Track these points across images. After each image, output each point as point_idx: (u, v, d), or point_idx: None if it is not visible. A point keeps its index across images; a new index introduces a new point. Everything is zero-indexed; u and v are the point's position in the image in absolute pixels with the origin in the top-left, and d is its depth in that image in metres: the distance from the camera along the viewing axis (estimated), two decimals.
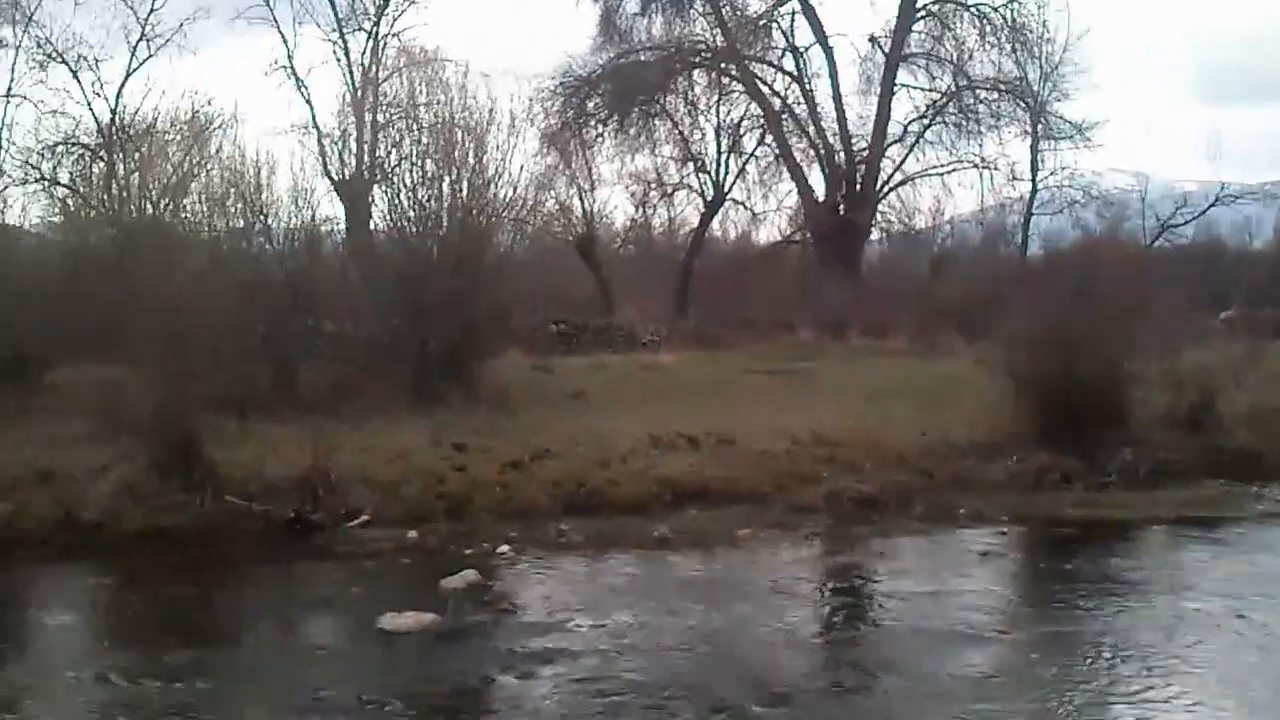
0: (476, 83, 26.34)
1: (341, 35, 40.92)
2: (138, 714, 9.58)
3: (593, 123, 44.60)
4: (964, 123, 44.11)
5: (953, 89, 44.25)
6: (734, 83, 45.22)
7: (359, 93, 38.85)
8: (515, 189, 25.52)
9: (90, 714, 9.75)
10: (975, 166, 44.68)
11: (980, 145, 44.45)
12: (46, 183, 35.06)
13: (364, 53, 40.82)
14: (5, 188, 34.68)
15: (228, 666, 10.91)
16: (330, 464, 16.85)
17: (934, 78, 44.77)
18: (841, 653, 11.49)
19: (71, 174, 35.39)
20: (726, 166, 46.42)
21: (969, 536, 16.13)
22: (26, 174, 35.04)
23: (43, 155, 35.22)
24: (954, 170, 44.82)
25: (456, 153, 24.62)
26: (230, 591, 14.25)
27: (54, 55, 36.14)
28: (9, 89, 35.44)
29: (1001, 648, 11.30)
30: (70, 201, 34.54)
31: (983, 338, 25.14)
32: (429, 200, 24.77)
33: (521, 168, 26.32)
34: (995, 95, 44.28)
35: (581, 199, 45.25)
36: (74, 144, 35.85)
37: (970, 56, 44.17)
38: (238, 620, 13.03)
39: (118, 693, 10.15)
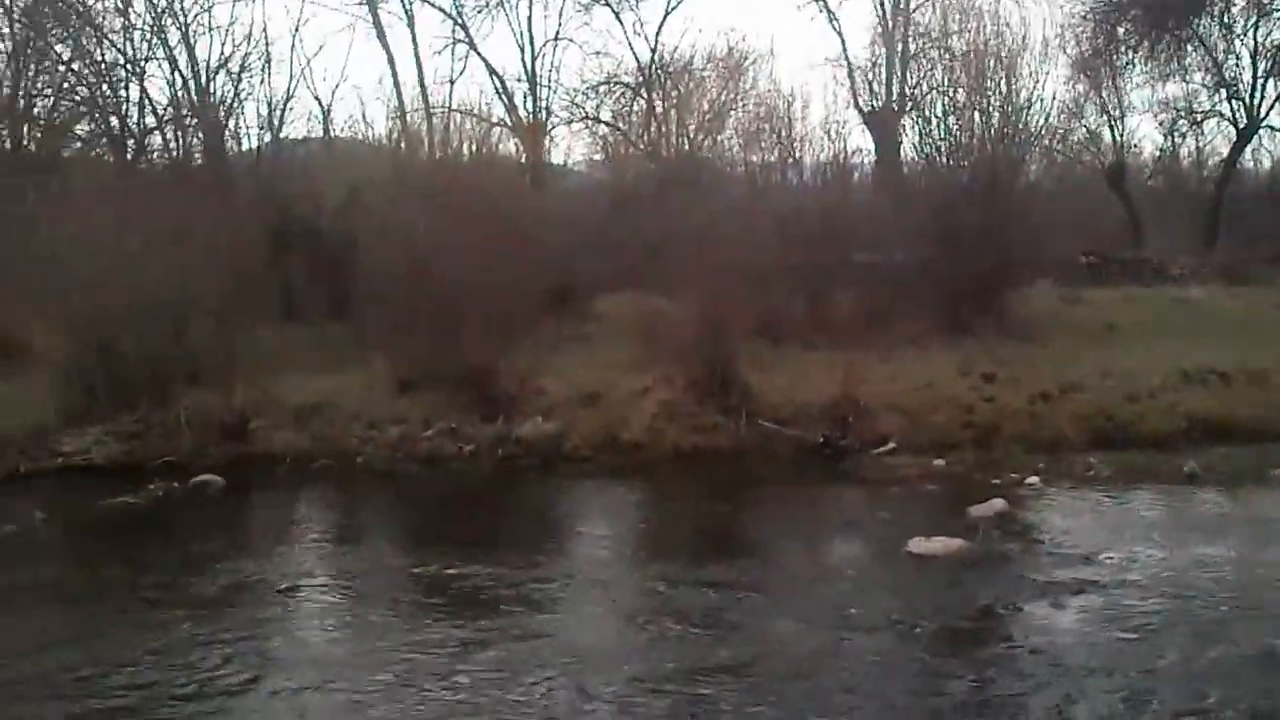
0: (1009, 9, 25.90)
1: None
2: (676, 619, 10.02)
3: (1123, 48, 42.40)
4: None
5: None
6: (1274, 2, 41.78)
7: (890, 23, 38.46)
8: (1046, 118, 24.88)
9: (632, 618, 10.32)
10: None
11: None
12: (590, 121, 37.11)
13: None
14: (553, 127, 37.04)
15: (759, 582, 11.26)
16: (859, 391, 17.08)
17: None
18: None
19: (613, 112, 37.19)
20: (1263, 92, 42.96)
21: None
22: (572, 113, 37.24)
23: (586, 95, 37.18)
24: None
25: (988, 81, 24.18)
26: (761, 511, 14.75)
27: None
28: (557, 33, 37.38)
29: None
30: (611, 138, 36.48)
31: None
32: (959, 130, 24.51)
33: (1053, 96, 25.69)
34: None
35: (1111, 127, 43.05)
36: (615, 83, 37.40)
37: None
38: (768, 539, 13.46)
39: (656, 600, 10.74)
